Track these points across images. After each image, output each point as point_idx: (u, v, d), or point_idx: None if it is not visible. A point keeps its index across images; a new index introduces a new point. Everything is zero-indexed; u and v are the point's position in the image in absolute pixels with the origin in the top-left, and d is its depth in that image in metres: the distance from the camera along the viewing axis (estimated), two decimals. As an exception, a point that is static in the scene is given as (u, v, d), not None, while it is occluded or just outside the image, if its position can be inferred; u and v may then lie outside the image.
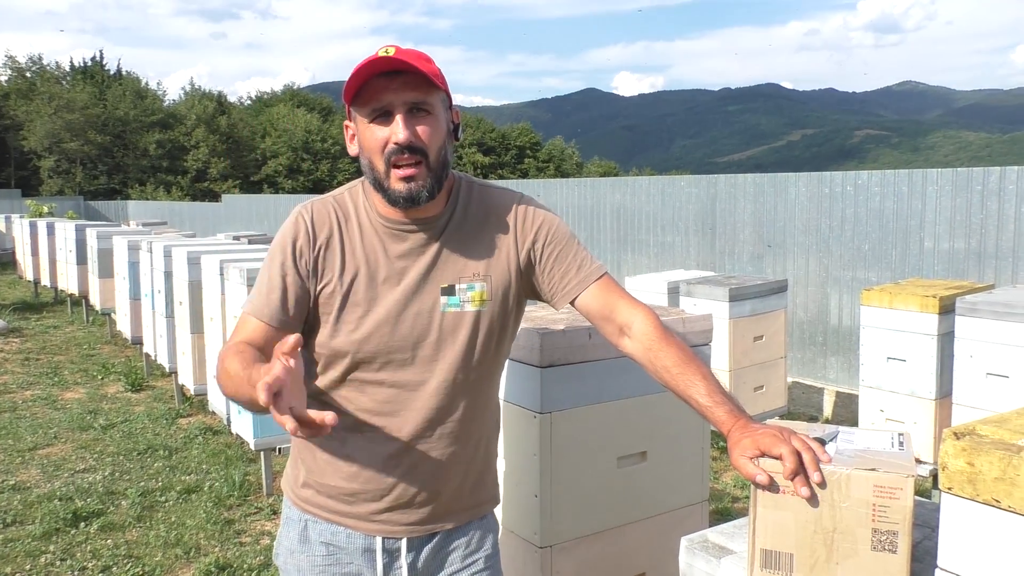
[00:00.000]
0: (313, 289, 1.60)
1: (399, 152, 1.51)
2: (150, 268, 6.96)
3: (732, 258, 7.89)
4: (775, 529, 1.28)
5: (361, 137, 1.56)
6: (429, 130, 1.53)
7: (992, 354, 3.86)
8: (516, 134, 63.74)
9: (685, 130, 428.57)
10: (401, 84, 1.50)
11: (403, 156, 1.51)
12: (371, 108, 1.52)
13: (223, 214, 20.45)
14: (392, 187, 1.53)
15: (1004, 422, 1.13)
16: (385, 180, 1.54)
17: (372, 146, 1.53)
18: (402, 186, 1.52)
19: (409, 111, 1.51)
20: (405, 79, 1.50)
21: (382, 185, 1.55)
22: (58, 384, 7.81)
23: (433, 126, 1.54)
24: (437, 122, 1.55)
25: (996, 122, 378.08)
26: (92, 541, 4.23)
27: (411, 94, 1.51)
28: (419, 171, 1.52)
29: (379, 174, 1.54)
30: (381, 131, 1.52)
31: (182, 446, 5.80)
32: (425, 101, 1.53)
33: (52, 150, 41.77)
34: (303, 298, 1.59)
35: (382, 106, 1.51)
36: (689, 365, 1.51)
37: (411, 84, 1.51)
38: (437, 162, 1.55)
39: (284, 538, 1.74)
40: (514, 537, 2.21)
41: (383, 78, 1.50)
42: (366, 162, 1.56)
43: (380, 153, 1.53)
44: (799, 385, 7.22)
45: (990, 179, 6.00)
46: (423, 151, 1.52)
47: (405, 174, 1.52)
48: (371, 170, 1.56)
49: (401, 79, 1.50)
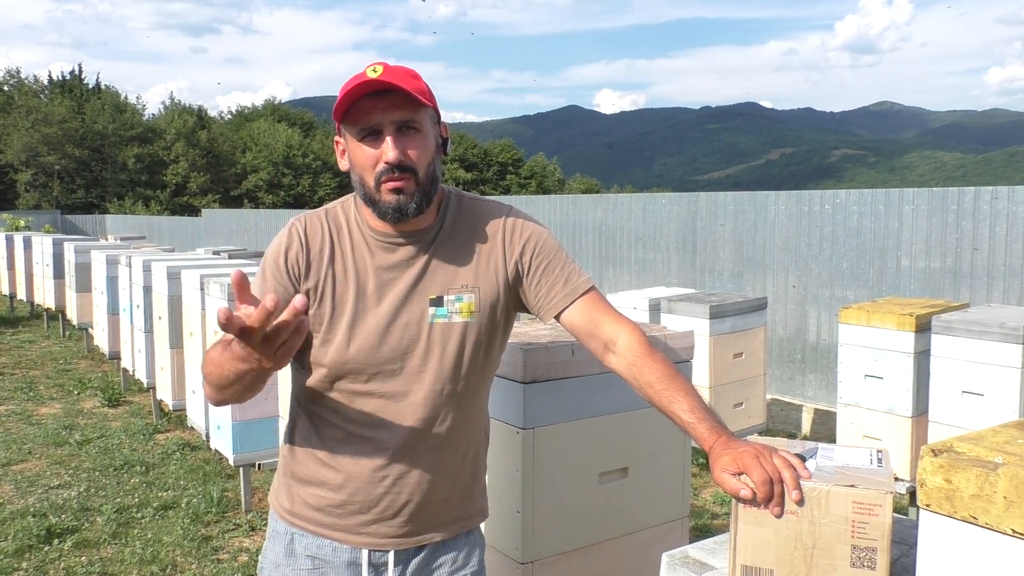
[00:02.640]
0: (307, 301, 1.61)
1: (389, 171, 1.53)
2: (129, 283, 6.91)
3: (712, 275, 7.95)
4: (756, 545, 1.29)
5: (352, 154, 1.59)
6: (418, 148, 1.56)
7: (967, 372, 3.91)
8: (498, 150, 63.93)
9: (666, 148, 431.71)
10: (389, 104, 1.52)
11: (393, 175, 1.54)
12: (360, 127, 1.54)
13: (203, 229, 20.35)
14: (382, 199, 1.56)
15: (981, 439, 1.15)
16: (376, 194, 1.56)
17: (362, 164, 1.56)
18: (391, 198, 1.55)
19: (398, 130, 1.54)
20: (393, 98, 1.52)
21: (372, 199, 1.57)
22: (33, 399, 7.71)
23: (421, 144, 1.56)
24: (425, 139, 1.57)
25: (970, 142, 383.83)
26: (66, 558, 4.17)
27: (399, 113, 1.53)
28: (408, 184, 1.55)
29: (369, 189, 1.57)
30: (371, 150, 1.55)
31: (159, 462, 5.74)
32: (413, 119, 1.55)
33: (29, 164, 41.42)
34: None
35: (371, 126, 1.53)
36: (673, 381, 1.52)
37: (399, 103, 1.53)
38: (426, 178, 1.58)
39: (269, 551, 1.74)
40: (496, 553, 2.21)
41: (371, 98, 1.52)
42: (357, 178, 1.59)
43: (371, 171, 1.55)
44: (778, 402, 7.26)
45: (965, 199, 6.09)
46: (412, 169, 1.55)
47: (394, 186, 1.54)
48: (362, 186, 1.58)
49: (389, 98, 1.52)
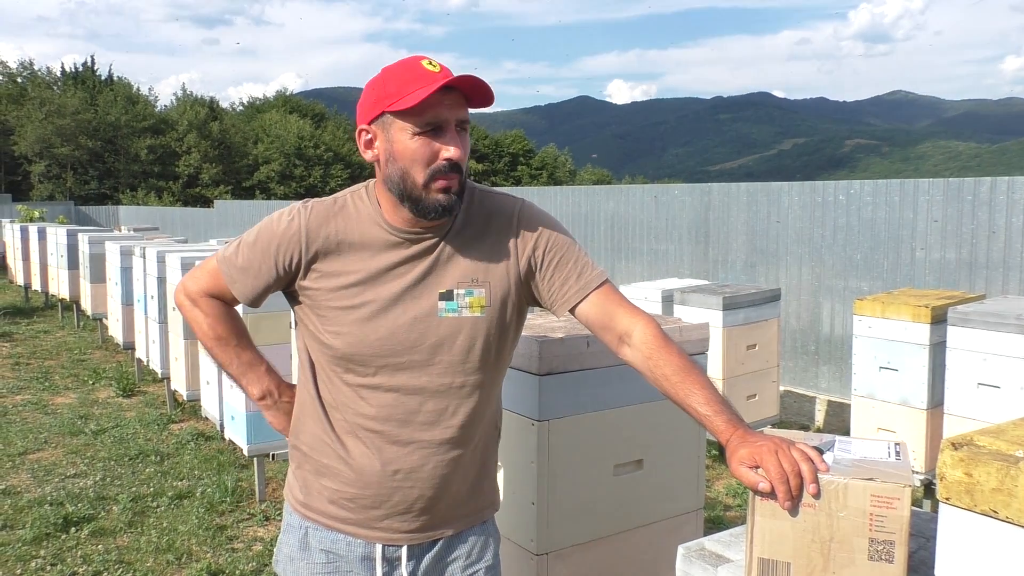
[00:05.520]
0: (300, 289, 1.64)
1: (448, 169, 1.53)
2: (143, 273, 6.94)
3: (725, 267, 7.92)
4: (772, 538, 1.29)
5: (399, 147, 1.54)
6: (467, 150, 1.58)
7: (983, 364, 3.89)
8: (509, 141, 63.86)
9: (677, 138, 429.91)
10: (454, 101, 1.53)
11: (449, 174, 1.53)
12: (425, 120, 1.51)
13: (215, 220, 20.42)
14: (430, 197, 1.54)
15: (1002, 433, 1.14)
16: (422, 191, 1.54)
17: (415, 157, 1.53)
18: (443, 197, 1.54)
19: (458, 128, 1.55)
20: (456, 96, 1.53)
21: (415, 195, 1.55)
22: (49, 389, 7.78)
23: (468, 144, 1.59)
24: (468, 139, 1.60)
25: (985, 132, 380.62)
26: (83, 546, 4.21)
27: (463, 112, 1.54)
28: (455, 183, 1.55)
29: (414, 185, 1.54)
30: (430, 144, 1.53)
31: (174, 452, 5.78)
32: (468, 121, 1.57)
33: (43, 155, 41.65)
34: (273, 290, 1.68)
35: (438, 120, 1.52)
36: (689, 374, 1.51)
37: (462, 102, 1.54)
38: (465, 178, 1.60)
39: (284, 545, 1.74)
40: (511, 544, 2.22)
41: (438, 93, 1.50)
42: (399, 172, 1.54)
43: (424, 166, 1.53)
44: (791, 394, 7.24)
45: (981, 189, 6.04)
46: (461, 169, 1.56)
47: (447, 184, 1.54)
48: (404, 179, 1.54)
49: (454, 95, 1.52)
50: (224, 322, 1.74)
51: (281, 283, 1.66)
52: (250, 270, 1.66)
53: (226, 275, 1.69)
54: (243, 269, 1.67)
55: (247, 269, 1.66)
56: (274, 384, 1.79)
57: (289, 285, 1.66)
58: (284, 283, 1.66)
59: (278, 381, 1.81)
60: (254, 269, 1.66)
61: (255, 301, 1.69)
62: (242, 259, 1.67)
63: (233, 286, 1.69)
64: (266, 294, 1.69)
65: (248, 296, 1.68)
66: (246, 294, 1.68)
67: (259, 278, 1.66)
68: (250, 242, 1.67)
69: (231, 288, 1.69)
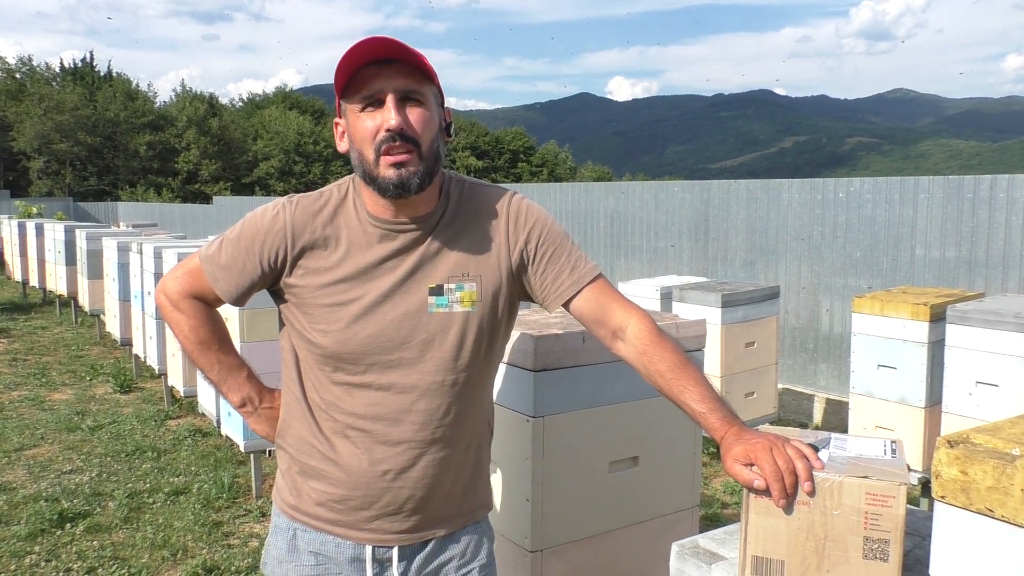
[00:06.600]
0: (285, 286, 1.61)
1: (391, 140, 1.46)
2: (140, 269, 6.93)
3: (725, 264, 7.91)
4: (767, 536, 1.28)
5: (351, 128, 1.52)
6: (421, 120, 1.49)
7: (982, 362, 3.87)
8: (510, 138, 63.80)
9: (678, 136, 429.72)
10: (393, 71, 1.47)
11: (395, 144, 1.47)
12: (362, 96, 1.48)
13: (214, 216, 20.39)
14: (382, 174, 1.48)
15: (998, 431, 1.12)
16: (374, 169, 1.49)
17: (362, 135, 1.49)
18: (392, 172, 1.48)
19: (401, 99, 1.48)
20: (397, 67, 1.47)
21: (371, 175, 1.50)
22: (46, 385, 7.76)
23: (425, 116, 1.50)
24: (429, 113, 1.51)
25: (986, 130, 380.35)
26: (78, 542, 4.20)
27: (403, 81, 1.47)
28: (410, 158, 1.48)
29: (368, 164, 1.50)
30: (371, 119, 1.48)
31: (171, 448, 5.77)
32: (417, 91, 1.49)
33: (41, 151, 41.60)
34: (258, 288, 1.64)
35: (372, 93, 1.47)
36: (683, 370, 1.49)
37: (403, 72, 1.48)
38: (430, 153, 1.51)
39: (272, 547, 1.71)
40: (505, 541, 2.20)
41: (374, 66, 1.46)
42: (356, 154, 1.52)
43: (370, 142, 1.48)
44: (789, 392, 7.23)
45: (981, 187, 6.03)
46: (415, 140, 1.48)
47: (396, 160, 1.47)
48: (361, 162, 1.51)
49: (393, 67, 1.47)
50: (206, 325, 1.69)
51: (266, 280, 1.61)
52: (234, 268, 1.61)
53: (209, 274, 1.64)
54: (226, 267, 1.62)
55: (230, 267, 1.61)
56: (255, 391, 1.74)
57: (274, 283, 1.62)
58: (269, 280, 1.61)
59: (259, 387, 1.76)
60: (238, 267, 1.61)
61: (239, 300, 1.64)
62: (225, 257, 1.62)
63: (216, 285, 1.63)
64: (251, 292, 1.64)
65: (232, 295, 1.63)
66: (230, 293, 1.63)
67: (243, 276, 1.61)
68: (233, 239, 1.62)
69: (214, 287, 1.64)
